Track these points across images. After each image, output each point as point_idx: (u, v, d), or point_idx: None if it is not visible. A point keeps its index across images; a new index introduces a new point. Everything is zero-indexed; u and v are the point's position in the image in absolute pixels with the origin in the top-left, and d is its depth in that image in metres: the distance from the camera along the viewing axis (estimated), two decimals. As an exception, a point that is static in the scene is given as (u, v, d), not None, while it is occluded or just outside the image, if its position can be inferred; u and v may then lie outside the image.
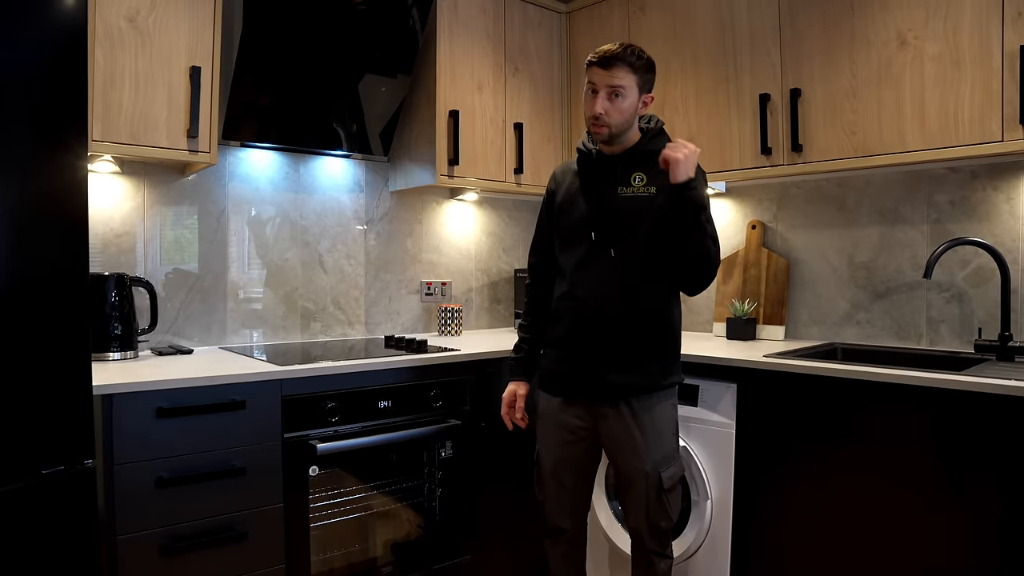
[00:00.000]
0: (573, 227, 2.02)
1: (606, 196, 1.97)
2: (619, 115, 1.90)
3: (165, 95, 2.18)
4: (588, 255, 1.97)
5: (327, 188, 2.89)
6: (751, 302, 2.82)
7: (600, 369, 1.95)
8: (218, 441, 1.98)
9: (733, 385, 2.29)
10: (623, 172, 1.97)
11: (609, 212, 1.96)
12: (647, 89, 1.95)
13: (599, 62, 1.89)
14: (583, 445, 2.03)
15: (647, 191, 1.94)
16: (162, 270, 2.50)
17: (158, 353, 2.37)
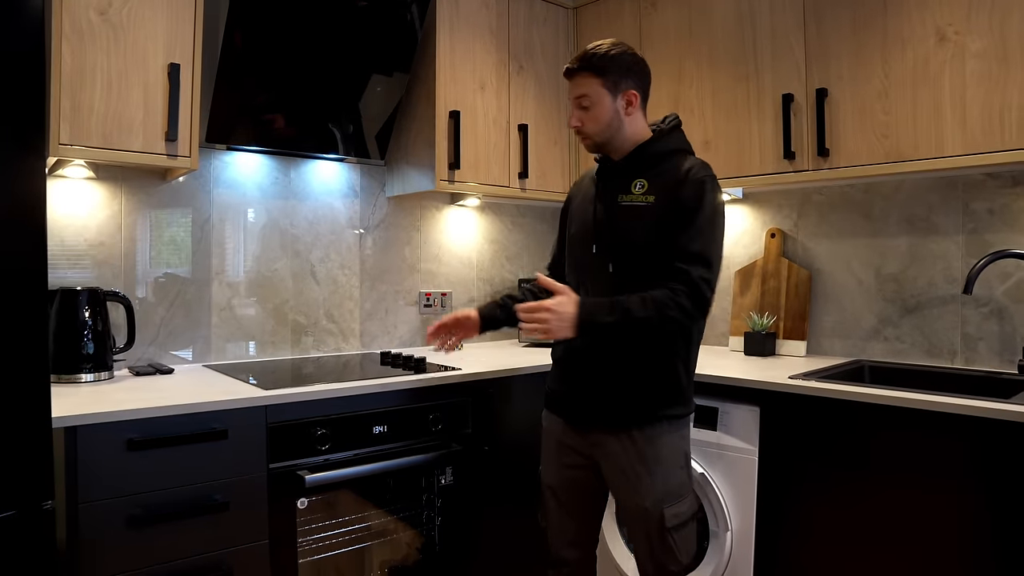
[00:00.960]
0: (576, 239, 1.93)
1: (607, 205, 1.85)
2: (595, 124, 1.80)
3: (141, 95, 2.01)
4: (588, 269, 1.87)
5: (320, 194, 2.72)
6: (770, 316, 2.65)
7: (596, 394, 1.82)
8: (197, 474, 1.80)
9: (756, 408, 2.12)
10: (624, 178, 1.84)
11: (609, 223, 1.83)
12: (626, 86, 1.80)
13: (564, 74, 1.85)
14: (585, 472, 1.89)
15: (645, 199, 1.78)
16: (141, 282, 2.33)
17: (136, 373, 2.20)
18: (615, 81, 1.79)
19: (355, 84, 2.53)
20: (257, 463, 1.90)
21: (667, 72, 2.70)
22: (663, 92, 2.71)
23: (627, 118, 1.82)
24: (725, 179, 2.52)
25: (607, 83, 1.78)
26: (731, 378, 2.16)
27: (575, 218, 1.95)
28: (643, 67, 1.86)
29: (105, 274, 2.26)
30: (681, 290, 1.68)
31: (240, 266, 2.54)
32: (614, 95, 1.79)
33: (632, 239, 1.78)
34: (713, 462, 2.20)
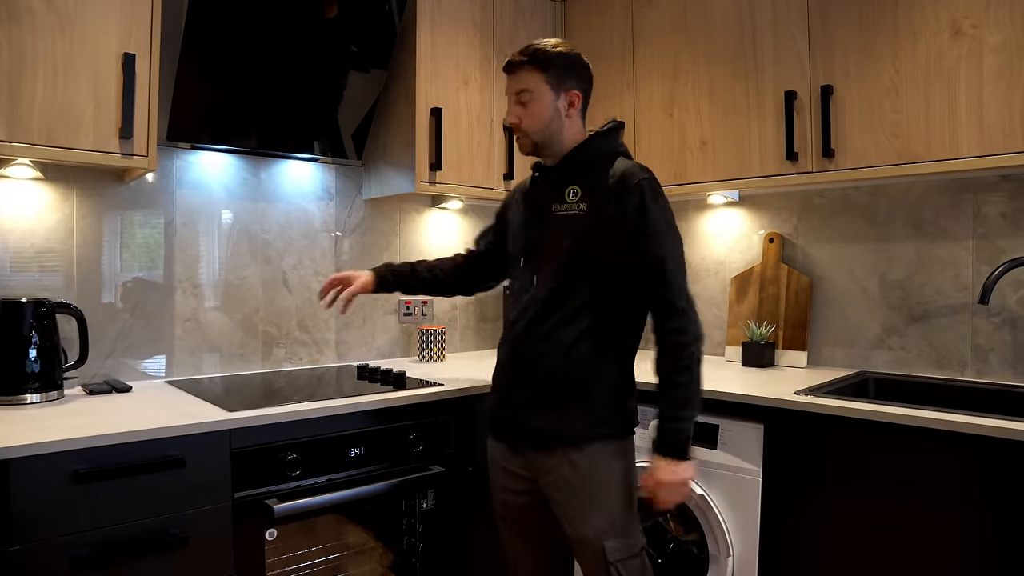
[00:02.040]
0: (511, 251, 1.85)
1: (539, 214, 1.76)
2: (534, 121, 1.70)
3: (91, 87, 1.83)
4: (517, 284, 1.79)
5: (292, 196, 2.54)
6: (769, 324, 2.52)
7: (526, 413, 1.72)
8: (152, 507, 1.63)
9: (759, 426, 1.98)
10: (557, 186, 1.73)
11: (538, 235, 1.74)
12: (568, 86, 1.71)
13: (505, 68, 1.75)
14: (532, 497, 1.77)
15: (579, 208, 1.68)
16: (97, 292, 2.14)
17: (90, 391, 2.01)
18: (559, 78, 1.69)
19: (330, 80, 2.36)
20: (220, 492, 1.73)
21: (661, 69, 2.56)
22: (655, 91, 2.57)
23: (567, 120, 1.72)
24: (723, 181, 2.39)
25: (550, 79, 1.68)
26: (733, 394, 2.02)
27: (511, 230, 1.86)
28: (588, 71, 1.76)
29: (55, 283, 2.07)
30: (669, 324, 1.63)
31: (206, 274, 2.36)
32: (556, 93, 1.69)
33: (559, 252, 1.68)
34: (713, 483, 2.06)
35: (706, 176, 2.43)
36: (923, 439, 1.67)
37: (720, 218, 2.77)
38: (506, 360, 1.77)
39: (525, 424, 1.71)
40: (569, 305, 1.67)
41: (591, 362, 1.67)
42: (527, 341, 1.71)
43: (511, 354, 1.75)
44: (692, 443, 2.08)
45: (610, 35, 2.72)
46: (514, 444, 1.76)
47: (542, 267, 1.70)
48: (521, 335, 1.72)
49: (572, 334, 1.66)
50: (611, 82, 2.71)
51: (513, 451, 1.77)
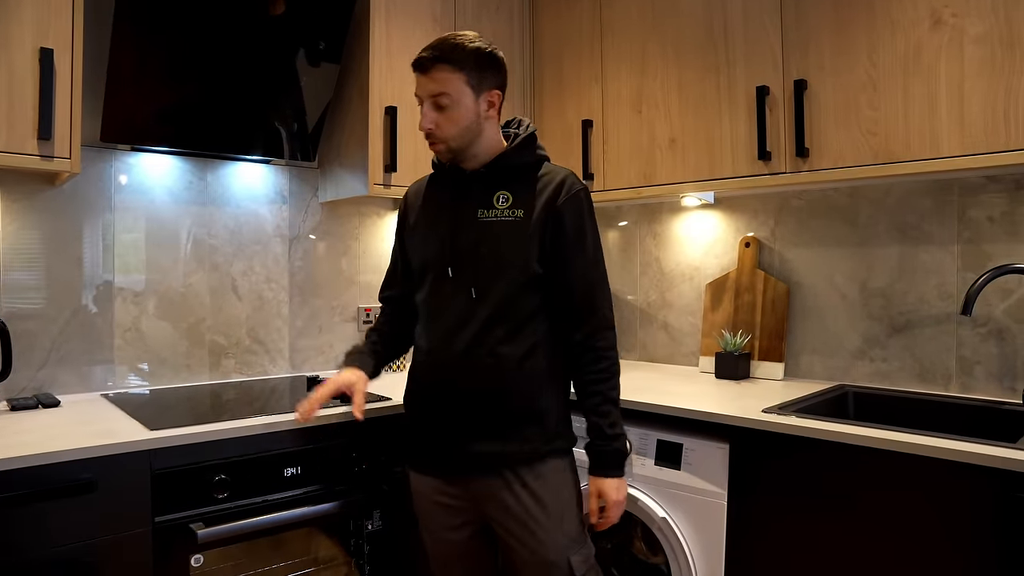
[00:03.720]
0: (426, 262, 1.65)
1: (464, 222, 1.61)
2: (453, 126, 1.56)
3: (4, 83, 1.71)
4: (444, 297, 1.61)
5: (241, 199, 2.43)
6: (744, 334, 2.38)
7: (465, 438, 1.59)
8: (60, 535, 1.51)
9: (725, 446, 1.85)
10: (484, 191, 1.61)
11: (468, 242, 1.59)
12: (489, 85, 1.58)
13: (418, 65, 1.55)
14: (473, 531, 1.68)
15: (513, 214, 1.58)
16: (25, 302, 2.03)
17: (13, 407, 1.90)
18: (480, 79, 1.56)
19: (278, 74, 2.24)
20: (138, 517, 1.61)
21: (629, 64, 2.42)
22: (623, 85, 2.44)
23: (486, 122, 1.60)
24: (694, 182, 2.25)
25: (471, 80, 1.54)
26: (696, 411, 1.89)
27: (422, 238, 1.68)
28: (504, 66, 1.63)
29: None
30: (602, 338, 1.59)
31: (148, 281, 2.24)
32: (477, 94, 1.56)
33: (500, 260, 1.57)
34: (676, 505, 1.93)
35: (676, 177, 2.29)
36: (901, 463, 1.54)
37: (695, 221, 2.64)
38: (436, 383, 1.62)
39: (466, 449, 1.58)
40: (516, 317, 1.57)
41: (544, 376, 1.59)
42: (467, 359, 1.57)
43: (444, 375, 1.60)
44: (655, 462, 1.98)
45: (579, 27, 2.59)
46: (449, 474, 1.64)
47: (480, 278, 1.57)
48: (461, 354, 1.57)
49: (521, 348, 1.57)
50: (580, 76, 2.58)
51: (447, 481, 1.64)
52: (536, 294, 1.58)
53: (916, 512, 1.52)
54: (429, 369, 1.64)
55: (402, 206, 1.78)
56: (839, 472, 1.64)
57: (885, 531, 1.57)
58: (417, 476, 1.71)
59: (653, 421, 2.01)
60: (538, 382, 1.58)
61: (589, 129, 2.53)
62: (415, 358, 1.70)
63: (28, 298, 2.04)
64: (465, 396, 1.58)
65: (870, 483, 1.59)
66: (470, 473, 1.60)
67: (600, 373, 1.57)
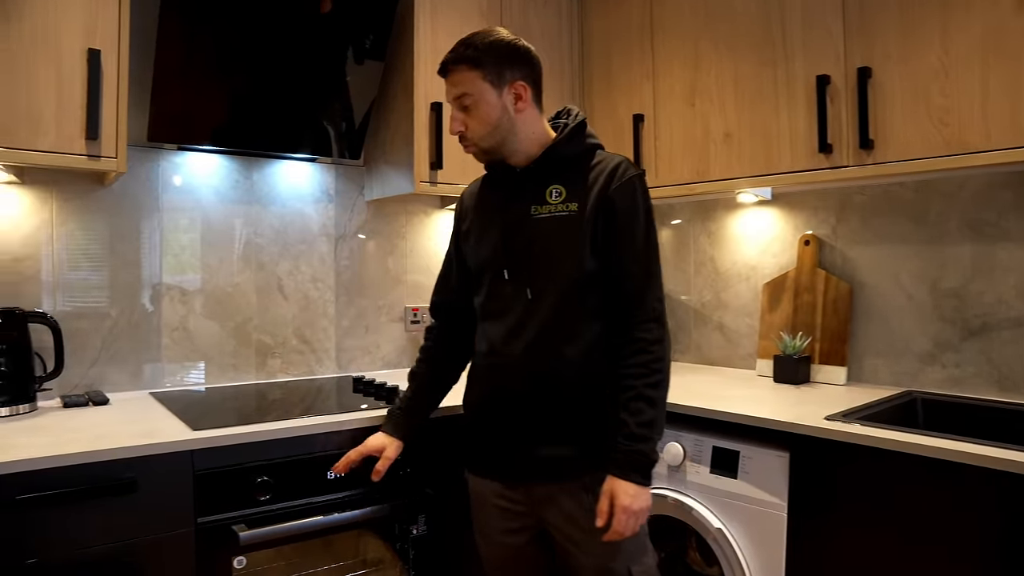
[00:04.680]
0: (483, 264, 1.62)
1: (517, 221, 1.56)
2: (481, 125, 1.53)
3: (52, 84, 1.72)
4: (502, 299, 1.58)
5: (287, 198, 2.42)
6: (804, 336, 2.27)
7: (528, 442, 1.54)
8: (104, 534, 1.51)
9: (785, 454, 1.75)
10: (536, 187, 1.56)
11: (522, 242, 1.55)
12: (511, 77, 1.53)
13: (440, 70, 1.56)
14: (531, 536, 1.63)
15: (567, 208, 1.52)
16: (78, 301, 2.05)
17: (66, 404, 1.92)
18: (498, 73, 1.52)
19: (324, 74, 2.22)
20: (181, 518, 1.60)
21: (682, 59, 2.34)
22: (676, 80, 2.35)
23: (518, 115, 1.54)
24: (750, 178, 2.16)
25: (489, 76, 1.51)
26: (754, 417, 1.80)
27: (477, 240, 1.64)
28: (529, 55, 1.57)
29: (33, 291, 1.99)
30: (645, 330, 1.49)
31: (195, 280, 2.25)
32: (499, 89, 1.52)
33: (553, 258, 1.52)
34: (733, 515, 1.84)
35: (731, 172, 2.20)
36: (979, 478, 1.42)
37: (751, 218, 2.53)
38: (497, 386, 1.58)
39: (528, 454, 1.54)
40: (574, 317, 1.52)
41: (607, 378, 1.53)
42: (527, 362, 1.53)
43: (505, 379, 1.56)
44: (711, 470, 1.89)
45: (628, 23, 2.51)
46: (510, 478, 1.59)
47: (537, 278, 1.52)
48: (521, 357, 1.53)
49: (581, 349, 1.51)
50: (630, 72, 2.50)
51: (508, 486, 1.60)
52: (594, 291, 1.52)
53: (995, 532, 1.41)
54: (489, 372, 1.61)
55: (458, 209, 1.75)
56: (910, 486, 1.53)
57: (960, 552, 1.45)
58: (476, 479, 1.67)
59: (708, 427, 1.92)
60: (600, 384, 1.52)
61: (640, 124, 2.45)
62: (475, 361, 1.67)
63: (81, 297, 2.06)
64: (527, 400, 1.54)
65: (944, 499, 1.48)
66: (532, 478, 1.56)
67: (638, 367, 1.47)
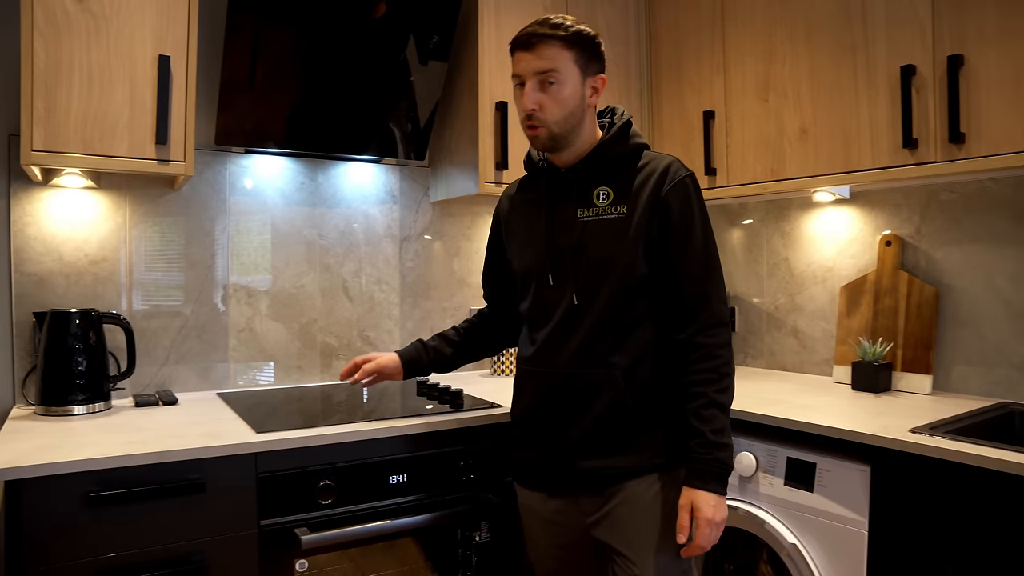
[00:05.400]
0: (527, 269, 1.57)
1: (563, 223, 1.51)
2: (559, 108, 1.44)
3: (126, 92, 1.76)
4: (547, 305, 1.53)
5: (352, 200, 2.42)
6: (885, 342, 2.15)
7: (574, 453, 1.50)
8: (171, 533, 1.53)
9: (866, 468, 1.65)
10: (583, 188, 1.50)
11: (568, 245, 1.49)
12: (594, 70, 1.49)
13: (522, 42, 1.45)
14: (579, 547, 1.58)
15: (615, 211, 1.47)
16: (149, 302, 2.10)
17: (138, 403, 1.96)
18: (587, 60, 1.47)
19: (388, 75, 2.22)
20: (245, 519, 1.61)
21: (754, 50, 2.24)
22: (748, 73, 2.26)
23: (588, 110, 1.49)
24: (828, 176, 2.05)
25: (579, 60, 1.45)
26: (834, 429, 1.70)
27: (521, 244, 1.60)
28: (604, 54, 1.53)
29: (108, 292, 2.04)
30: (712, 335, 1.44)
31: (261, 282, 2.27)
32: (583, 77, 1.46)
33: (603, 262, 1.46)
34: (808, 530, 1.75)
35: (807, 170, 2.10)
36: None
37: (828, 218, 2.41)
38: (542, 395, 1.54)
39: (575, 465, 1.50)
40: (623, 323, 1.47)
41: (656, 385, 1.49)
42: (574, 371, 1.49)
43: (550, 388, 1.52)
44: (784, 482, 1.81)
45: (697, 15, 2.42)
46: (557, 490, 1.56)
47: (582, 282, 1.48)
48: (567, 365, 1.50)
49: (630, 356, 1.47)
50: (700, 66, 2.42)
51: (557, 496, 1.56)
52: (644, 297, 1.47)
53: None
54: (534, 381, 1.56)
55: (499, 209, 1.72)
56: (1005, 507, 1.42)
57: (1065, 577, 1.34)
58: (524, 491, 1.63)
59: (782, 436, 1.83)
60: (649, 392, 1.48)
61: (711, 121, 2.36)
62: (519, 367, 1.62)
63: (152, 298, 2.10)
64: (573, 409, 1.49)
65: (1045, 520, 1.36)
66: (579, 490, 1.52)
67: (707, 373, 1.42)
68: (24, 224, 1.96)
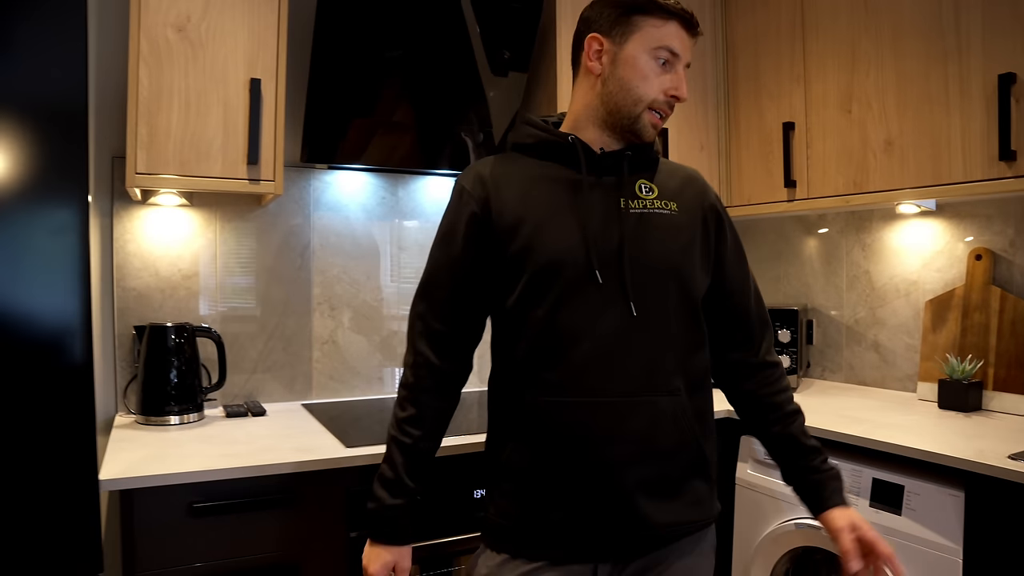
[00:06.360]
0: (557, 264, 1.20)
1: (605, 212, 1.23)
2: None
3: (220, 115, 1.83)
4: (589, 313, 1.19)
5: (431, 213, 2.47)
6: (974, 360, 2.09)
7: (631, 500, 1.18)
8: (266, 542, 1.59)
9: (959, 493, 1.61)
10: (620, 175, 1.26)
11: (617, 239, 1.21)
12: None
13: (688, 21, 1.24)
14: None
15: (667, 207, 1.26)
16: (237, 314, 2.18)
17: (228, 413, 2.04)
18: None
19: (467, 89, 2.25)
20: (334, 530, 1.67)
21: (837, 58, 2.20)
22: (830, 84, 2.21)
23: None
24: (915, 189, 2.00)
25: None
26: (924, 451, 1.66)
27: (539, 231, 1.21)
28: None
29: (199, 306, 2.13)
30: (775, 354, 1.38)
31: (343, 295, 2.33)
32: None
33: (664, 265, 1.23)
34: (897, 554, 1.70)
35: (893, 183, 2.05)
36: None
37: (912, 230, 2.35)
38: (585, 435, 1.18)
39: (632, 516, 1.19)
40: (686, 341, 1.26)
41: (711, 415, 1.31)
42: (636, 398, 1.19)
43: (600, 421, 1.18)
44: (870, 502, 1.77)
45: (777, 23, 2.39)
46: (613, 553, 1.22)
47: (637, 288, 1.20)
48: (626, 391, 1.19)
49: (692, 380, 1.26)
50: (779, 77, 2.38)
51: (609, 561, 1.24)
52: (700, 311, 1.30)
53: None
54: (568, 416, 1.19)
55: (476, 194, 1.26)
56: (1114, 538, 1.37)
57: None
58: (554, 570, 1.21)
59: (868, 456, 1.80)
60: (706, 422, 1.29)
61: (790, 132, 2.33)
62: (532, 399, 1.22)
63: (239, 311, 2.18)
64: (641, 446, 1.19)
65: None
66: (649, 547, 1.23)
67: (788, 391, 1.35)
68: (124, 241, 2.05)
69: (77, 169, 1.33)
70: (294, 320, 2.26)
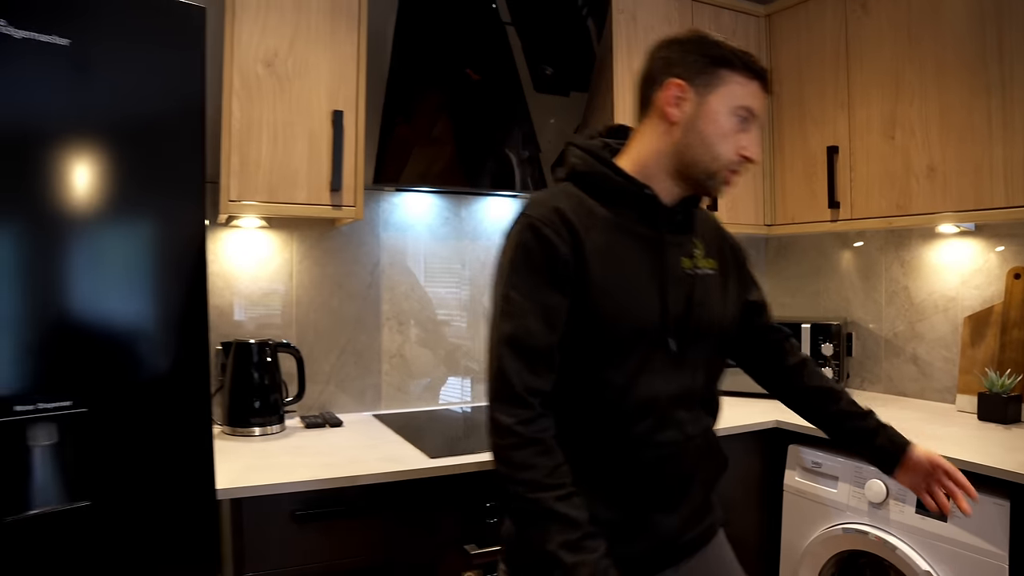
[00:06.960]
0: (638, 327, 1.19)
1: (674, 273, 1.24)
2: None
3: (305, 145, 1.96)
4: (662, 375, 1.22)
5: (492, 233, 2.59)
6: (1013, 375, 2.19)
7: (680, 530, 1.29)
8: (359, 548, 1.71)
9: (1004, 503, 1.72)
10: (682, 235, 1.29)
11: (683, 302, 1.24)
12: None
13: (767, 82, 1.23)
14: None
15: (712, 267, 1.32)
16: (312, 330, 2.31)
17: (307, 424, 2.17)
18: None
19: (530, 110, 2.37)
20: (423, 536, 1.79)
21: (881, 88, 2.31)
22: (874, 111, 2.32)
23: None
24: (956, 212, 2.11)
25: None
26: (969, 463, 1.77)
27: (619, 291, 1.18)
28: None
29: (277, 322, 2.26)
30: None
31: (410, 311, 2.46)
32: None
33: (712, 326, 1.30)
34: (942, 559, 1.82)
35: (936, 207, 2.16)
36: None
37: (951, 248, 2.46)
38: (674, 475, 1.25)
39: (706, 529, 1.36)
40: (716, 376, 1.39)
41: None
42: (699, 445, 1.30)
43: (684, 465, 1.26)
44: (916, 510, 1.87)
45: (821, 51, 2.50)
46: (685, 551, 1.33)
47: (692, 347, 1.26)
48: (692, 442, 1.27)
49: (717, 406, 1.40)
50: (823, 103, 2.49)
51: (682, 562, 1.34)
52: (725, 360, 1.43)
53: None
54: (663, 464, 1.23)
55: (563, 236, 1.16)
56: None
57: None
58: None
59: (916, 468, 1.91)
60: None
61: (834, 156, 2.44)
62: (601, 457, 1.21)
63: (313, 327, 2.31)
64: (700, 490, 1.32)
65: None
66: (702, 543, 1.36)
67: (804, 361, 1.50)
68: (210, 262, 2.17)
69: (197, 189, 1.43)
70: (365, 335, 2.39)
